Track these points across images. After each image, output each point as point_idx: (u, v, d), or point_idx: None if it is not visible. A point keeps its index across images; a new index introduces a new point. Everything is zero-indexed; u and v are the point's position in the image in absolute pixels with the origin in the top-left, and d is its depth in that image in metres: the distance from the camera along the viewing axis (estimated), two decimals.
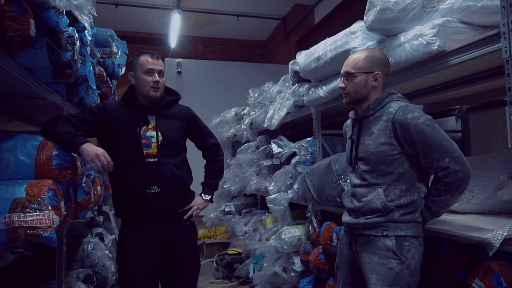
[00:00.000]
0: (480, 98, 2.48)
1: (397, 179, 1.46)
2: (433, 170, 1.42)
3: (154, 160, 1.78)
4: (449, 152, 1.38)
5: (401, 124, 1.42)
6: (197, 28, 7.41)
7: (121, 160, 1.76)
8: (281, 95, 3.44)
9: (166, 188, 1.78)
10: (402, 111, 1.44)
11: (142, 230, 1.78)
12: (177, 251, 1.83)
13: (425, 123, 1.40)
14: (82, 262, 2.54)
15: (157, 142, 1.80)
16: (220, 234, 5.06)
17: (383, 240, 1.45)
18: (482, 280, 1.34)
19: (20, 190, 1.40)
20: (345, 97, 1.62)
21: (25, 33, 1.31)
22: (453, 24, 1.57)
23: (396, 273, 1.41)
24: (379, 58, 1.56)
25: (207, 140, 2.05)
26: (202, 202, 1.95)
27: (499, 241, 1.25)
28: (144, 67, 1.79)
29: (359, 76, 1.55)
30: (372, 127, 1.52)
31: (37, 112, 2.56)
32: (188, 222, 1.89)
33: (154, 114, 1.85)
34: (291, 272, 2.81)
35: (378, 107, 1.53)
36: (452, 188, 1.40)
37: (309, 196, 2.46)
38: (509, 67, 1.29)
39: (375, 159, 1.48)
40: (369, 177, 1.51)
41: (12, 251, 1.28)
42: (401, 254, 1.42)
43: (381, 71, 1.55)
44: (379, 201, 1.47)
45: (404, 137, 1.42)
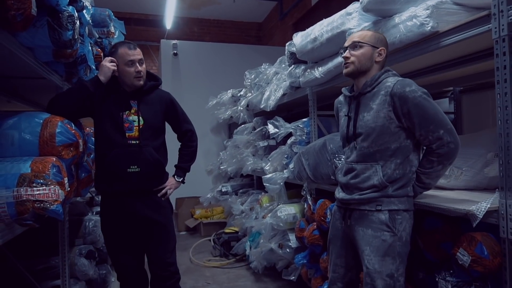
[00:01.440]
0: (473, 80, 2.53)
1: (392, 154, 1.52)
2: (427, 141, 1.49)
3: (136, 143, 1.96)
4: (443, 124, 1.45)
5: (400, 97, 1.47)
6: (193, 9, 7.33)
7: (105, 141, 1.95)
8: (277, 77, 3.46)
9: (145, 168, 1.96)
10: (400, 84, 1.48)
11: (119, 203, 1.97)
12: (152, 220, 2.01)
13: (422, 97, 1.46)
14: (84, 238, 2.62)
15: (139, 126, 1.97)
16: (217, 214, 5.16)
17: (377, 214, 1.52)
18: (466, 249, 1.43)
19: (25, 166, 1.45)
20: (347, 67, 1.63)
21: (26, 12, 1.33)
22: (446, 5, 1.61)
23: (389, 244, 1.49)
24: (384, 39, 1.65)
25: (183, 125, 2.21)
26: (174, 183, 2.15)
27: (483, 212, 1.34)
28: (125, 59, 1.93)
29: (366, 47, 1.59)
30: (371, 103, 1.56)
31: (36, 92, 2.57)
32: (163, 198, 2.07)
33: (136, 99, 2.00)
34: (287, 248, 2.91)
35: (375, 83, 1.57)
36: (444, 158, 1.48)
37: (304, 175, 2.53)
38: (498, 47, 1.34)
39: (374, 134, 1.53)
40: (367, 152, 1.56)
41: (21, 223, 1.34)
42: (393, 227, 1.50)
43: (385, 49, 1.62)
44: (376, 177, 1.53)
45: (402, 110, 1.48)
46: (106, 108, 1.97)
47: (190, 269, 3.70)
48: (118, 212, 1.98)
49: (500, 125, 1.34)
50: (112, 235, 2.02)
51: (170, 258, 2.05)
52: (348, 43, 1.64)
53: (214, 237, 4.38)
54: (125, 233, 2.00)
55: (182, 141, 2.26)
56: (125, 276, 2.06)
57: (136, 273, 2.07)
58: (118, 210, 1.98)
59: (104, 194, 2.05)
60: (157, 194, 2.05)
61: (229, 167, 4.44)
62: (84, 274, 2.45)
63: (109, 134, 1.94)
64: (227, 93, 5.01)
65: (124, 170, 1.93)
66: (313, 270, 2.62)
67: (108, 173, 1.96)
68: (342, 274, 1.72)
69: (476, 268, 1.39)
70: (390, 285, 1.47)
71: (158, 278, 2.04)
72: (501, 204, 1.35)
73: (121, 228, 1.99)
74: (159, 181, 2.07)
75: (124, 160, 1.93)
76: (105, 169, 1.96)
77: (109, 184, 1.97)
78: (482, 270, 1.38)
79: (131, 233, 2.01)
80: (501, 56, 1.33)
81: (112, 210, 2.00)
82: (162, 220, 2.04)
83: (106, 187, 1.99)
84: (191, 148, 2.24)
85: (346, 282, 1.73)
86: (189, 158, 2.24)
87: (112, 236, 2.02)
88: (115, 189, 1.96)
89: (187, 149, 2.24)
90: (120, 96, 1.99)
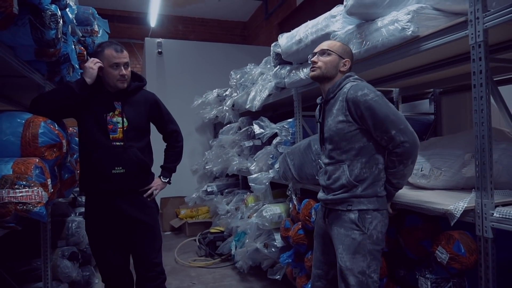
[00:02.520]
0: (452, 82, 2.61)
1: (357, 153, 1.58)
2: (384, 142, 1.54)
3: (120, 144, 1.94)
4: (395, 124, 1.49)
5: (353, 102, 1.54)
6: (177, 7, 7.27)
7: (89, 142, 1.94)
8: (262, 77, 3.49)
9: (130, 169, 1.95)
10: (353, 89, 1.55)
11: (104, 203, 1.96)
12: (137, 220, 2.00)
13: (373, 99, 1.51)
14: (67, 240, 2.58)
15: (123, 127, 1.95)
16: (202, 214, 5.15)
17: (348, 214, 1.58)
18: (444, 247, 1.48)
19: (7, 168, 1.42)
20: (314, 71, 1.71)
21: (7, 10, 1.31)
22: (426, 10, 1.66)
23: (358, 242, 1.54)
24: (350, 52, 1.74)
25: (168, 125, 2.21)
26: (160, 184, 2.16)
27: (460, 212, 1.39)
28: (110, 61, 1.91)
29: (333, 56, 1.68)
30: (333, 108, 1.64)
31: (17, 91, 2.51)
32: (149, 199, 2.07)
33: (120, 100, 1.98)
34: (272, 248, 2.94)
35: (336, 90, 1.65)
36: (403, 158, 1.52)
37: (289, 175, 2.56)
38: (474, 52, 1.40)
39: (336, 137, 1.61)
40: (334, 155, 1.64)
41: (3, 226, 1.32)
42: (363, 226, 1.55)
43: (350, 61, 1.70)
44: (344, 177, 1.59)
45: (356, 113, 1.55)
46: (89, 109, 1.94)
47: (175, 269, 3.69)
48: (103, 211, 1.96)
49: (476, 127, 1.40)
50: (97, 235, 2.00)
51: (156, 258, 2.05)
52: (317, 50, 1.73)
53: (199, 237, 4.37)
54: (110, 233, 1.98)
55: (168, 142, 2.26)
56: (110, 277, 2.04)
57: (122, 274, 2.06)
58: (103, 210, 1.96)
59: (88, 194, 2.03)
60: (143, 195, 2.04)
61: (214, 167, 4.44)
62: (67, 276, 2.42)
63: (93, 135, 1.92)
64: (212, 92, 5.00)
65: (109, 171, 1.91)
66: (298, 269, 2.65)
67: (93, 174, 1.94)
68: (325, 271, 1.77)
69: (454, 265, 1.45)
70: (363, 281, 1.52)
71: (144, 279, 2.03)
72: (477, 204, 1.40)
73: (106, 228, 1.97)
74: (145, 181, 2.06)
75: (109, 161, 1.92)
76: (90, 170, 1.95)
77: (94, 185, 1.95)
78: (460, 267, 1.44)
79: (116, 233, 1.99)
80: (477, 61, 1.38)
81: (97, 210, 1.98)
82: (148, 220, 2.03)
83: (91, 187, 1.98)
84: (176, 148, 2.24)
85: (329, 280, 1.77)
86: (175, 159, 2.24)
87: (97, 236, 2.00)
88: (100, 189, 1.95)
89: (173, 150, 2.24)
90: (104, 97, 1.96)
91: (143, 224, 2.02)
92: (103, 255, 2.00)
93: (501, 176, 1.69)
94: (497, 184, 1.61)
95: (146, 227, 2.02)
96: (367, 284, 1.52)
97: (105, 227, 1.97)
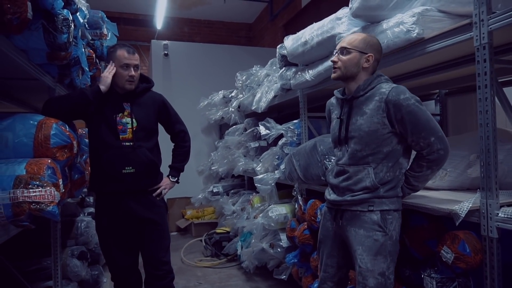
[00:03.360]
0: (458, 83, 2.62)
1: (384, 157, 1.57)
2: (418, 147, 1.53)
3: (130, 144, 1.98)
4: (434, 131, 1.49)
5: (394, 104, 1.51)
6: (184, 10, 7.32)
7: (99, 142, 1.98)
8: (268, 79, 3.51)
9: (140, 169, 1.99)
10: (395, 92, 1.52)
11: (114, 203, 1.99)
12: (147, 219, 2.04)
13: (415, 104, 1.50)
14: (76, 239, 2.62)
15: (132, 128, 2.00)
16: (208, 214, 5.18)
17: (369, 214, 1.56)
18: (449, 247, 1.49)
19: (20, 168, 1.46)
20: (335, 72, 1.66)
21: (22, 16, 1.34)
22: (431, 12, 1.67)
23: (381, 244, 1.53)
24: (375, 43, 1.64)
25: (176, 126, 2.25)
26: (169, 183, 2.20)
27: (465, 212, 1.40)
28: (121, 61, 1.97)
29: (354, 53, 1.61)
30: (364, 107, 1.59)
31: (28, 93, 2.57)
32: (158, 198, 2.11)
33: (129, 101, 2.03)
34: (278, 248, 2.96)
35: (368, 88, 1.60)
36: (433, 164, 1.53)
37: (295, 176, 2.58)
38: (479, 54, 1.41)
39: (367, 138, 1.56)
40: (359, 155, 1.59)
41: (18, 225, 1.36)
42: (385, 226, 1.54)
43: (374, 55, 1.62)
44: (368, 180, 1.56)
45: (395, 116, 1.52)
46: (99, 110, 1.99)
47: (182, 269, 3.72)
48: (113, 211, 2.00)
49: (481, 128, 1.41)
50: (106, 235, 2.03)
51: (164, 257, 2.08)
52: (338, 47, 1.67)
53: (205, 237, 4.40)
54: (120, 233, 2.02)
55: (175, 142, 2.29)
56: (119, 276, 2.08)
57: (131, 273, 2.09)
58: (113, 210, 2.00)
59: (99, 194, 2.07)
60: (152, 194, 2.08)
61: (220, 168, 4.47)
62: (76, 275, 2.46)
63: (103, 136, 1.96)
64: (218, 94, 5.04)
65: (119, 171, 1.95)
66: (303, 269, 2.67)
67: (103, 174, 1.98)
68: (332, 274, 1.76)
69: (459, 264, 1.46)
70: (382, 283, 1.52)
71: (153, 277, 2.06)
72: (482, 204, 1.42)
73: (116, 227, 2.01)
74: (154, 181, 2.10)
75: (119, 161, 1.96)
76: (100, 170, 1.99)
77: (105, 185, 1.99)
78: (465, 266, 1.45)
79: (126, 232, 2.03)
80: (481, 62, 1.40)
81: (107, 210, 2.02)
82: (156, 218, 2.06)
83: (101, 187, 2.02)
84: (184, 148, 2.28)
85: (336, 281, 1.77)
86: (182, 158, 2.28)
87: (106, 236, 2.04)
88: (110, 189, 1.99)
89: (181, 149, 2.28)
90: (113, 98, 2.01)
91: (152, 223, 2.05)
92: (112, 255, 2.04)
93: (506, 177, 1.70)
94: (502, 184, 1.62)
95: (155, 226, 2.06)
96: (385, 285, 1.52)
97: (115, 227, 2.01)
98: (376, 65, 1.67)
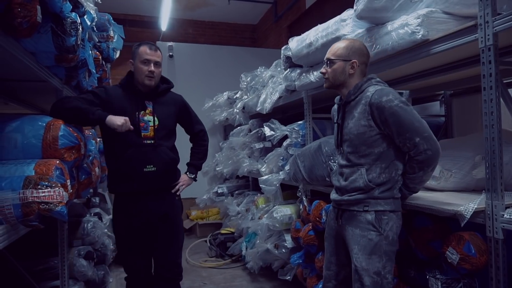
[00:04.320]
0: (463, 84, 2.61)
1: (377, 158, 1.59)
2: (406, 148, 1.55)
3: (151, 142, 1.97)
4: (419, 132, 1.50)
5: (377, 107, 1.54)
6: (188, 11, 7.36)
7: (120, 140, 1.95)
8: (273, 80, 3.52)
9: (161, 168, 1.99)
10: (378, 94, 1.55)
11: (134, 203, 1.99)
12: (164, 221, 2.05)
13: (398, 106, 1.51)
14: (83, 240, 2.64)
15: (154, 126, 1.99)
16: (212, 215, 5.20)
17: (364, 214, 1.60)
18: (454, 248, 1.50)
19: (29, 169, 1.49)
20: (325, 82, 1.75)
21: (32, 19, 1.37)
22: (436, 14, 1.68)
23: (375, 243, 1.56)
24: (358, 48, 1.67)
25: (196, 126, 2.28)
26: (187, 180, 2.21)
27: (470, 213, 1.41)
28: (142, 57, 1.97)
29: (338, 63, 1.67)
30: (354, 111, 1.64)
31: (35, 95, 2.60)
32: (177, 196, 2.12)
33: (151, 100, 2.03)
34: (282, 249, 2.97)
35: (357, 92, 1.64)
36: (424, 165, 1.54)
37: (300, 177, 2.59)
38: (484, 56, 1.42)
39: (356, 140, 1.61)
40: (352, 158, 1.64)
41: (27, 224, 1.38)
42: (379, 226, 1.57)
43: (358, 60, 1.66)
44: (361, 180, 1.60)
45: (380, 119, 1.55)
46: (120, 107, 1.97)
47: (187, 269, 3.74)
48: (131, 211, 1.99)
49: (486, 129, 1.41)
50: (124, 235, 2.02)
51: (177, 258, 2.10)
52: (325, 57, 1.73)
53: (210, 238, 4.42)
54: (138, 233, 2.01)
55: (195, 141, 2.32)
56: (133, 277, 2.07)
57: (145, 274, 2.08)
58: (132, 209, 1.99)
59: (118, 195, 2.07)
60: (170, 191, 2.09)
61: (225, 169, 4.48)
62: (83, 274, 2.48)
63: (124, 133, 1.92)
64: (223, 95, 5.06)
65: (140, 170, 1.95)
66: (308, 269, 2.68)
67: (123, 174, 1.97)
68: (335, 272, 1.79)
69: (464, 265, 1.46)
70: (377, 282, 1.54)
71: (163, 279, 2.07)
72: (487, 205, 1.42)
73: (134, 228, 2.00)
74: (174, 179, 2.12)
75: (140, 160, 1.96)
76: (121, 169, 1.97)
77: (125, 185, 1.98)
78: (470, 267, 1.45)
79: (144, 232, 2.02)
80: (487, 64, 1.40)
81: (126, 210, 2.01)
82: (172, 217, 2.07)
83: (121, 188, 2.00)
84: (203, 147, 2.31)
85: (340, 280, 1.79)
86: (201, 156, 2.31)
87: (124, 236, 2.02)
88: (130, 189, 1.98)
89: (200, 148, 2.31)
90: (136, 96, 2.02)
91: (168, 221, 2.06)
92: (129, 255, 2.03)
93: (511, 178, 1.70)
94: (508, 185, 1.62)
95: (170, 225, 2.07)
96: (381, 285, 1.54)
97: (133, 227, 2.00)
98: (364, 68, 1.70)
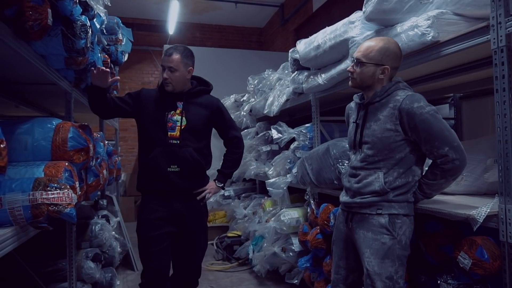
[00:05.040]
0: (473, 87, 2.58)
1: (396, 163, 1.56)
2: (433, 156, 1.52)
3: (176, 142, 1.98)
4: (449, 141, 1.48)
5: (407, 113, 1.50)
6: (195, 15, 7.41)
7: (148, 139, 2.01)
8: (280, 82, 3.52)
9: (184, 169, 1.99)
10: (409, 100, 1.51)
11: (158, 203, 1.98)
12: (188, 225, 2.02)
13: (429, 113, 1.49)
14: (90, 242, 2.65)
15: (181, 126, 2.00)
16: (219, 218, 5.19)
17: (377, 217, 1.57)
18: (467, 253, 1.47)
19: (39, 171, 1.49)
20: (351, 81, 1.68)
21: (43, 22, 1.38)
22: (446, 16, 1.66)
23: (388, 247, 1.53)
24: (392, 52, 1.59)
25: (229, 131, 2.22)
26: (214, 188, 2.15)
27: (483, 217, 1.38)
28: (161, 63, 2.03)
29: (368, 67, 1.60)
30: (379, 113, 1.59)
31: (44, 97, 2.63)
32: (202, 202, 2.09)
33: (182, 100, 2.05)
34: (290, 252, 2.95)
35: (384, 94, 1.60)
36: (448, 174, 1.51)
37: (307, 180, 2.57)
38: (496, 57, 1.39)
39: (380, 144, 1.57)
40: (371, 160, 1.60)
41: (36, 226, 1.38)
42: (393, 230, 1.54)
43: (390, 66, 1.59)
44: (378, 184, 1.57)
45: (409, 125, 1.51)
46: (151, 107, 2.02)
47: None
48: (156, 210, 1.98)
49: (499, 132, 1.39)
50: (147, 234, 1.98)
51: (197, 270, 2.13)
52: (355, 55, 1.66)
53: (216, 241, 4.40)
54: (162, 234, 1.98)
55: (228, 147, 2.27)
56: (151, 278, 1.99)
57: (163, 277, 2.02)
58: (157, 209, 1.98)
59: (144, 193, 2.07)
60: (196, 198, 2.06)
61: None
62: (91, 277, 2.49)
63: (152, 132, 1.98)
64: (229, 98, 5.06)
65: (164, 169, 1.96)
66: (316, 273, 2.65)
67: (149, 172, 1.99)
68: (344, 276, 1.76)
69: (477, 271, 1.43)
70: (390, 286, 1.51)
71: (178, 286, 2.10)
72: (500, 209, 1.39)
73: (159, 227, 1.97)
74: (199, 183, 2.09)
75: (165, 159, 1.96)
76: (147, 168, 2.00)
77: (150, 183, 2.00)
78: (483, 273, 1.42)
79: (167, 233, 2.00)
80: (499, 65, 1.38)
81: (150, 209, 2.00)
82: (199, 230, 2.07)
83: (148, 185, 2.01)
84: (236, 154, 2.24)
85: (349, 284, 1.76)
86: (232, 165, 2.24)
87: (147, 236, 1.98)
88: (155, 187, 1.99)
89: (232, 156, 2.24)
90: (168, 96, 2.05)
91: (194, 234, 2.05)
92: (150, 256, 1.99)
93: None
94: None
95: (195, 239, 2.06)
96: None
97: (157, 227, 1.97)
98: (394, 73, 1.66)
